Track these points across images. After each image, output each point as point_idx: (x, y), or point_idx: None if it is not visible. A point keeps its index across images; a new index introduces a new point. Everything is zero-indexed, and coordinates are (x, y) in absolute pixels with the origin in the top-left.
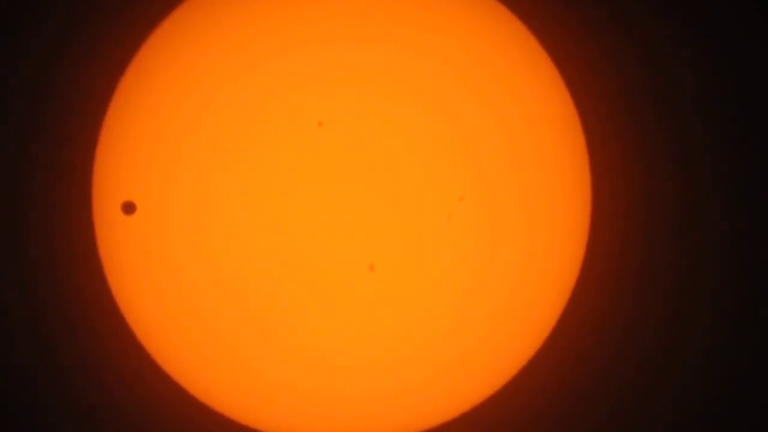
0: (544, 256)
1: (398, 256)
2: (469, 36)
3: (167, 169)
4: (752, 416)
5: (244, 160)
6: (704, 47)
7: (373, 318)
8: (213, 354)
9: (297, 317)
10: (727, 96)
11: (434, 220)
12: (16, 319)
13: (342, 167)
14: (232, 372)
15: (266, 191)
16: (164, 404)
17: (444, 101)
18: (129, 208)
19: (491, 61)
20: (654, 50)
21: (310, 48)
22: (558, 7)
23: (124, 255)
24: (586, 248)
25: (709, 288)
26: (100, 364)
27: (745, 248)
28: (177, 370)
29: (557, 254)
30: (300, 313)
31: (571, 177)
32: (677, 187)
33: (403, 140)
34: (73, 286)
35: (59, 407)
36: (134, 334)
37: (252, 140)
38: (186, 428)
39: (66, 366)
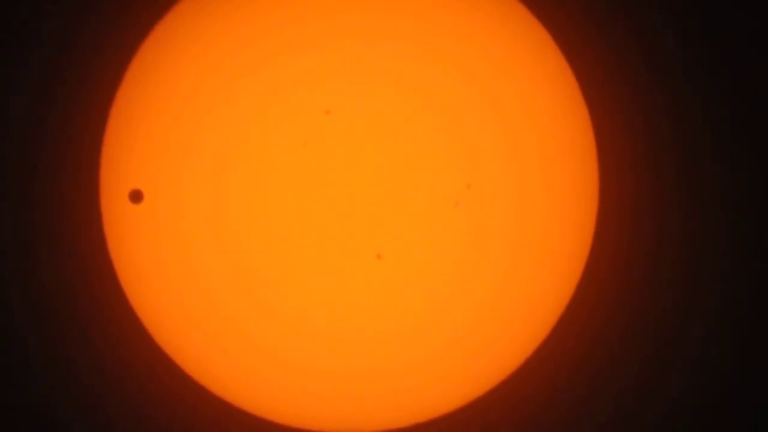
0: (549, 247)
1: (406, 243)
2: (480, 27)
3: (175, 157)
4: (759, 406)
5: (252, 149)
6: (712, 49)
7: (382, 307)
8: (222, 342)
9: (304, 307)
10: (734, 95)
11: (442, 208)
12: (22, 310)
13: (349, 156)
14: (242, 360)
15: (274, 179)
16: (173, 395)
17: (452, 91)
18: (136, 196)
19: (500, 52)
20: (662, 47)
21: (319, 39)
22: (569, 3)
23: (131, 244)
24: (592, 241)
25: (715, 286)
26: (108, 354)
27: (749, 252)
28: (186, 359)
29: (562, 247)
30: (308, 303)
31: (579, 169)
32: (683, 185)
33: (411, 129)
34: (80, 275)
35: (67, 400)
36: (142, 323)
37: (260, 128)
38: (195, 419)
39: (74, 357)
